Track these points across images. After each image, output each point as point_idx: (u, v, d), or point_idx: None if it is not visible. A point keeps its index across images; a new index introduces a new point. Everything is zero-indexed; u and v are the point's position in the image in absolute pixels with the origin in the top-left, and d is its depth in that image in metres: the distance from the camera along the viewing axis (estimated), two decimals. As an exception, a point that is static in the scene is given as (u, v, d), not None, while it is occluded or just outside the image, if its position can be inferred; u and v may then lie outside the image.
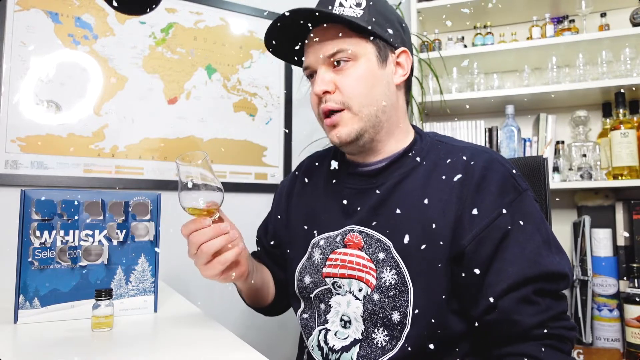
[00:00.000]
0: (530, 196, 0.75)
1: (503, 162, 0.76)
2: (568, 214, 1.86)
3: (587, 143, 1.77)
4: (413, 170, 0.80)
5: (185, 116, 1.66)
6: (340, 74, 0.78)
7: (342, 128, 0.79)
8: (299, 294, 0.89)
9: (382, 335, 0.76)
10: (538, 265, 0.69)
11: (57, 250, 0.85)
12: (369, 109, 0.78)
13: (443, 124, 1.92)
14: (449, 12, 1.92)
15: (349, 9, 0.78)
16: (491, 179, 0.74)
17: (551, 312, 0.68)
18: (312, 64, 0.81)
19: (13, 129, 1.39)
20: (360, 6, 0.78)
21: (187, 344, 0.72)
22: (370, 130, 0.79)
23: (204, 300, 1.52)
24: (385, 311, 0.75)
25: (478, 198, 0.72)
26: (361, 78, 0.77)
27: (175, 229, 1.65)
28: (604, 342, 1.62)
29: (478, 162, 0.75)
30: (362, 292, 0.78)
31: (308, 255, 0.87)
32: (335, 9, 0.78)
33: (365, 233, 0.80)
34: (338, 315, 0.81)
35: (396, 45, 0.82)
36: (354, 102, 0.77)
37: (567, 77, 1.79)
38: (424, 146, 0.83)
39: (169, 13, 1.66)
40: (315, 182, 0.93)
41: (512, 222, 0.71)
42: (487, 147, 0.82)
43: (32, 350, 0.68)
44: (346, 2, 0.78)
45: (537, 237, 0.71)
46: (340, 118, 0.78)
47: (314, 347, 0.83)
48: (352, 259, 0.80)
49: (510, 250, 0.70)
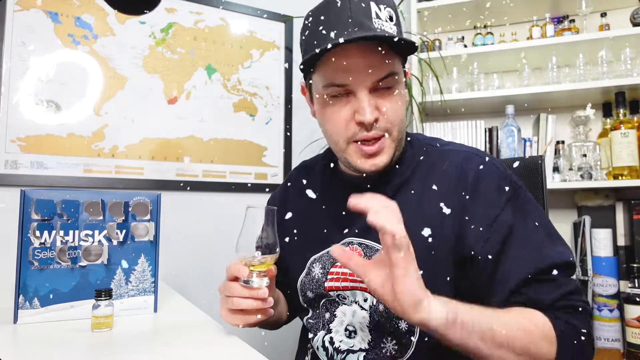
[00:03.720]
0: (526, 190, 0.76)
1: (496, 163, 0.77)
2: (568, 214, 1.86)
3: (587, 143, 1.77)
4: (408, 180, 0.79)
5: (185, 116, 1.66)
6: (385, 97, 0.73)
7: (383, 156, 0.75)
8: (305, 304, 0.89)
9: (391, 344, 0.76)
10: (546, 257, 0.69)
11: (57, 250, 0.85)
12: (403, 133, 0.76)
13: (443, 124, 1.92)
14: (449, 12, 1.92)
15: (387, 24, 0.71)
16: (487, 180, 0.74)
17: (565, 288, 0.68)
18: (352, 85, 0.72)
19: (13, 129, 1.39)
20: (393, 20, 0.72)
21: (187, 344, 0.72)
22: (397, 153, 0.78)
23: (204, 300, 1.52)
24: (392, 321, 0.75)
25: (477, 202, 0.73)
26: (401, 104, 0.74)
27: (176, 229, 1.64)
28: (604, 342, 1.62)
29: (472, 165, 0.76)
30: (368, 302, 0.78)
31: (307, 271, 0.86)
32: (374, 20, 0.70)
33: (364, 245, 0.79)
34: (342, 325, 0.81)
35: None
36: (396, 129, 0.74)
37: (567, 77, 1.79)
38: (415, 153, 0.82)
39: (169, 13, 1.66)
40: (308, 194, 0.90)
41: (513, 218, 0.71)
42: (476, 149, 0.82)
43: (32, 350, 0.68)
44: (381, 13, 0.71)
45: (539, 230, 0.72)
46: (383, 145, 0.74)
47: (318, 347, 0.83)
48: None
49: (516, 245, 0.70)
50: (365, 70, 0.70)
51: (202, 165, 1.68)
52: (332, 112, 0.75)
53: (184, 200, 1.63)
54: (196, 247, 1.60)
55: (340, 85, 0.73)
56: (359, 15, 0.70)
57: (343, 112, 0.74)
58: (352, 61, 0.70)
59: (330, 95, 0.75)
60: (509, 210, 0.72)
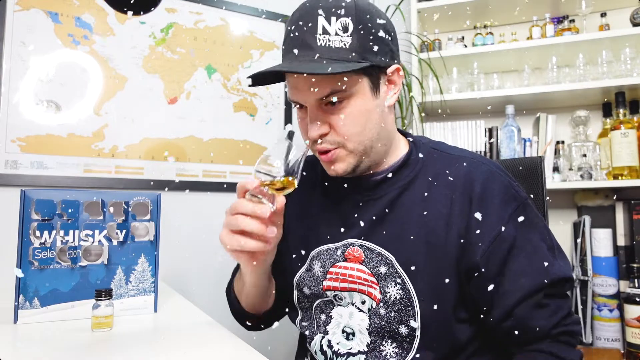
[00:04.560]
0: (530, 204, 0.76)
1: (502, 173, 0.77)
2: (568, 214, 1.86)
3: (587, 143, 1.77)
4: (412, 182, 0.79)
5: (185, 116, 1.66)
6: (334, 113, 0.73)
7: (339, 164, 0.76)
8: (298, 304, 0.88)
9: (391, 347, 0.76)
10: (547, 274, 0.71)
11: (57, 250, 0.85)
12: (364, 144, 0.75)
13: (443, 124, 1.92)
14: (449, 12, 1.92)
15: (335, 37, 0.70)
16: (493, 190, 0.74)
17: (562, 312, 0.72)
18: (302, 102, 0.75)
19: (13, 129, 1.39)
20: (347, 31, 0.70)
21: (187, 344, 0.72)
22: (366, 159, 0.77)
23: (204, 300, 1.52)
24: (393, 325, 0.75)
25: (482, 211, 0.73)
26: (356, 116, 0.73)
27: (176, 229, 1.64)
28: (604, 342, 1.62)
29: (478, 174, 0.76)
30: (366, 304, 0.78)
31: (307, 267, 0.85)
32: (319, 37, 0.70)
33: (365, 247, 0.79)
34: (339, 327, 0.80)
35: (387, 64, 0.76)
36: (349, 141, 0.74)
37: (567, 77, 1.79)
38: (420, 156, 0.82)
39: (169, 13, 1.66)
40: (310, 191, 0.90)
41: (517, 232, 0.72)
42: (483, 156, 0.82)
43: (32, 350, 0.68)
44: (330, 27, 0.70)
45: (542, 245, 0.73)
46: (336, 156, 0.75)
47: (316, 352, 0.83)
48: (353, 273, 0.79)
49: (519, 260, 0.71)
50: (308, 89, 0.72)
51: (202, 165, 1.68)
52: (299, 121, 0.79)
53: (184, 200, 1.63)
54: (196, 247, 1.60)
55: (295, 102, 0.76)
56: (303, 33, 0.72)
57: (304, 123, 0.77)
58: (296, 80, 0.73)
59: (294, 105, 0.78)
60: (512, 224, 0.72)
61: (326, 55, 0.70)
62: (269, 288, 0.90)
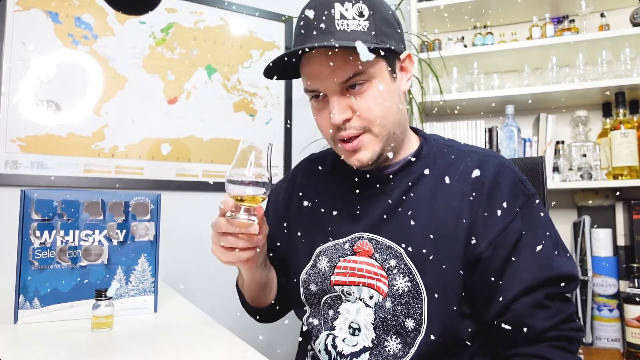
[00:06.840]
0: (538, 200, 0.76)
1: (512, 168, 0.78)
2: (568, 214, 1.86)
3: (587, 143, 1.77)
4: (422, 176, 0.79)
5: (185, 116, 1.66)
6: (356, 97, 0.73)
7: (364, 152, 0.75)
8: (306, 300, 0.88)
9: (395, 342, 0.76)
10: (550, 269, 0.70)
11: (57, 250, 0.85)
12: (388, 128, 0.75)
13: (443, 124, 1.92)
14: (449, 12, 1.92)
15: (353, 22, 0.72)
16: (502, 184, 0.74)
17: (561, 316, 0.70)
18: (322, 89, 0.75)
19: (13, 129, 1.39)
20: (364, 16, 0.72)
21: (187, 344, 0.72)
22: (388, 147, 0.77)
23: (204, 300, 1.52)
24: (399, 319, 0.75)
25: (491, 204, 0.73)
26: (379, 98, 0.73)
27: (176, 229, 1.65)
28: (604, 342, 1.62)
29: (489, 168, 0.76)
30: (373, 299, 0.78)
31: (313, 263, 0.85)
32: (337, 22, 0.71)
33: (375, 240, 0.79)
34: (346, 323, 0.80)
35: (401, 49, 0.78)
36: (374, 125, 0.74)
37: (567, 77, 1.79)
38: (431, 151, 0.82)
39: (169, 13, 1.66)
40: (317, 187, 0.90)
41: (524, 226, 0.72)
42: (493, 151, 0.82)
43: (32, 350, 0.68)
44: (347, 12, 0.72)
45: (547, 241, 0.73)
46: (361, 142, 0.75)
47: (320, 351, 0.83)
48: (362, 267, 0.79)
49: (523, 254, 0.71)
50: (329, 74, 0.72)
51: (202, 165, 1.68)
52: (316, 114, 0.79)
53: (184, 200, 1.63)
54: (196, 247, 1.60)
55: (313, 91, 0.76)
56: (321, 21, 0.72)
57: (323, 114, 0.77)
58: (315, 68, 0.73)
59: (311, 97, 0.78)
60: (520, 218, 0.73)
61: (347, 39, 0.71)
62: (268, 280, 0.92)
